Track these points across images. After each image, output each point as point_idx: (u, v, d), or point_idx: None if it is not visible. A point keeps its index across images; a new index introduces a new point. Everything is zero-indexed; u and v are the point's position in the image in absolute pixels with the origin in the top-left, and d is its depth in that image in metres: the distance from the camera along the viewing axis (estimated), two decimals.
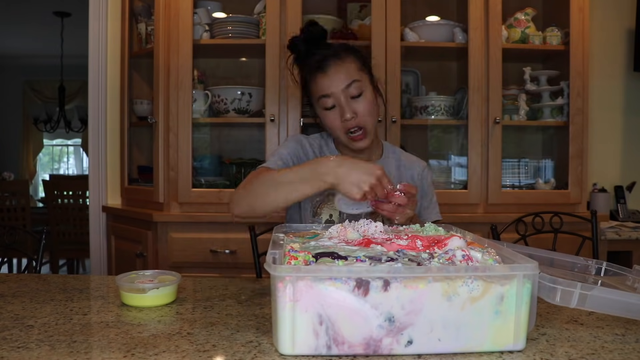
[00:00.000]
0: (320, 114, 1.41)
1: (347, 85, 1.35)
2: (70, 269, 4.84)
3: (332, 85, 1.35)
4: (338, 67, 1.36)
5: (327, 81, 1.35)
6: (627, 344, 0.85)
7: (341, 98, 1.35)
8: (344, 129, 1.37)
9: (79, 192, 4.46)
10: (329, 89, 1.35)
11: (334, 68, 1.35)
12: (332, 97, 1.35)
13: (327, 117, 1.38)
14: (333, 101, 1.36)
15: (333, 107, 1.36)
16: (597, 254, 1.80)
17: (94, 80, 2.75)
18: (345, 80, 1.35)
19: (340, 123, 1.36)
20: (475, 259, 0.81)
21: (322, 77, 1.36)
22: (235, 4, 2.55)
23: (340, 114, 1.35)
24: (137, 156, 2.71)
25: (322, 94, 1.36)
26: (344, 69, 1.35)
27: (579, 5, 2.35)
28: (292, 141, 1.47)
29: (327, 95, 1.36)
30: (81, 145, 8.37)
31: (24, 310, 1.02)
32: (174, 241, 2.27)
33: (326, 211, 1.43)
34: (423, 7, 2.60)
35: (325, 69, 1.35)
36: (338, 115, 1.36)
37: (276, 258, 0.83)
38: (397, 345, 0.76)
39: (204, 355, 0.78)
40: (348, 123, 1.35)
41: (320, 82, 1.36)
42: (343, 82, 1.35)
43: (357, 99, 1.36)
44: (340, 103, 1.35)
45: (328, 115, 1.38)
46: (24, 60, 7.60)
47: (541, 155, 2.68)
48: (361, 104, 1.36)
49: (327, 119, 1.39)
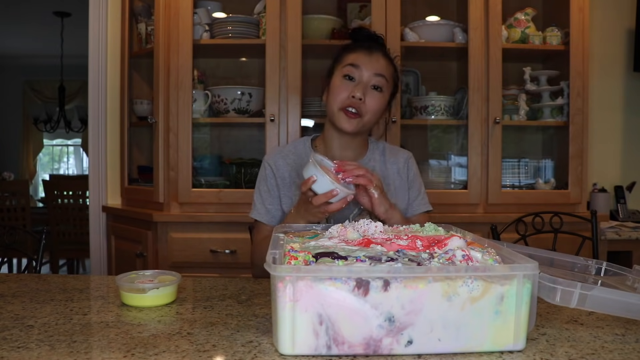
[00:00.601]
0: (334, 81, 1.44)
1: (377, 74, 1.40)
2: (70, 269, 4.84)
3: (368, 64, 1.40)
4: (381, 57, 1.43)
5: (367, 58, 1.41)
6: (627, 344, 0.85)
7: (364, 78, 1.40)
8: (345, 103, 1.40)
9: (79, 192, 4.46)
10: (363, 63, 1.40)
11: (377, 55, 1.42)
12: (359, 71, 1.40)
13: (340, 84, 1.41)
14: (357, 74, 1.40)
15: (352, 80, 1.40)
16: (597, 254, 1.80)
17: (94, 80, 2.75)
18: (379, 69, 1.40)
19: (346, 96, 1.40)
20: (476, 259, 0.81)
21: (363, 53, 1.42)
22: (235, 4, 2.55)
23: (353, 88, 1.39)
24: (137, 156, 2.71)
25: (354, 63, 1.41)
26: (384, 62, 1.42)
27: (579, 5, 2.35)
28: (261, 179, 1.51)
29: (357, 66, 1.40)
30: (81, 145, 8.37)
31: (24, 310, 1.02)
32: (174, 241, 2.27)
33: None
34: (423, 7, 2.60)
35: (371, 51, 1.42)
36: (350, 89, 1.39)
37: (276, 258, 0.83)
38: (397, 345, 0.76)
39: (204, 355, 0.78)
40: (353, 100, 1.39)
41: (359, 56, 1.41)
42: (376, 69, 1.40)
43: (374, 91, 1.40)
44: (361, 81, 1.40)
45: (342, 83, 1.41)
46: (24, 60, 7.60)
47: (541, 155, 2.68)
48: (374, 97, 1.40)
49: (338, 87, 1.41)
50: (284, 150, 1.53)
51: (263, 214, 1.48)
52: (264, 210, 1.48)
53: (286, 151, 1.52)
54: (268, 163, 1.51)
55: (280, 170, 1.49)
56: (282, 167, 1.49)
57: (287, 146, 1.56)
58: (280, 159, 1.50)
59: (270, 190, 1.48)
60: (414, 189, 1.53)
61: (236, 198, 2.28)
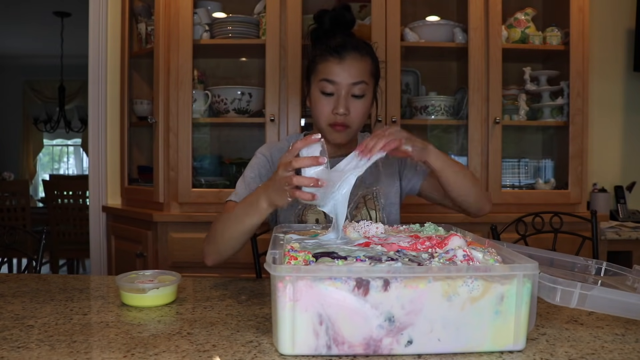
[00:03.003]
0: (313, 95, 1.35)
1: (355, 83, 1.30)
2: (70, 269, 4.84)
3: (342, 75, 1.30)
4: (355, 60, 1.31)
5: (339, 69, 1.30)
6: (627, 344, 0.85)
7: (343, 91, 1.30)
8: (331, 120, 1.33)
9: (79, 192, 4.45)
10: (337, 76, 1.30)
11: (351, 60, 1.30)
12: (335, 85, 1.30)
13: (319, 102, 1.33)
14: (334, 89, 1.31)
15: (330, 95, 1.31)
16: (597, 254, 1.80)
17: (94, 80, 2.74)
18: (356, 77, 1.30)
19: (329, 112, 1.32)
20: (477, 259, 0.81)
21: (335, 62, 1.30)
22: (235, 4, 2.55)
23: (335, 105, 1.31)
24: (137, 156, 2.71)
25: (328, 78, 1.31)
26: (359, 65, 1.31)
27: (579, 5, 2.35)
28: (250, 167, 1.43)
29: (332, 81, 1.30)
30: (81, 145, 8.37)
31: (24, 310, 1.02)
32: (174, 241, 2.27)
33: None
34: (423, 7, 2.60)
35: (343, 56, 1.30)
36: (331, 104, 1.31)
37: (276, 258, 0.83)
38: (397, 345, 0.76)
39: (204, 355, 0.78)
40: (337, 117, 1.31)
41: (331, 67, 1.30)
42: (353, 77, 1.30)
43: (357, 99, 1.32)
44: (340, 95, 1.30)
45: (321, 100, 1.33)
46: (24, 60, 7.60)
47: (541, 155, 2.68)
48: (358, 106, 1.32)
49: (318, 103, 1.33)
50: (279, 144, 1.50)
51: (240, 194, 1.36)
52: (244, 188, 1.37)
53: (280, 145, 1.49)
54: (262, 153, 1.45)
55: (274, 162, 1.43)
56: (276, 159, 1.43)
57: (282, 141, 1.53)
58: (276, 151, 1.46)
59: (259, 177, 1.40)
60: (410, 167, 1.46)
61: None
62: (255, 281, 1.28)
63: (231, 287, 1.21)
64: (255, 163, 1.43)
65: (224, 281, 1.27)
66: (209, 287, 1.21)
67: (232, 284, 1.24)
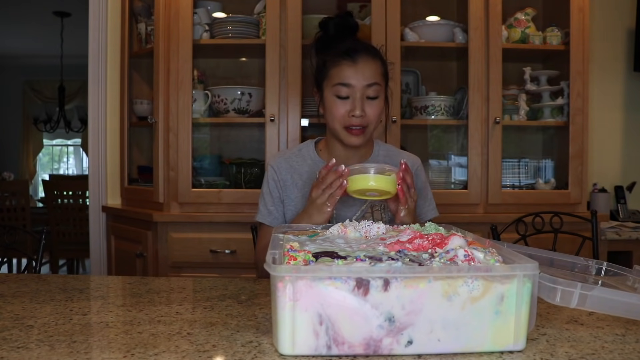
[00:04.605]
0: (328, 100, 1.38)
1: (369, 85, 1.34)
2: (70, 269, 4.84)
3: (357, 77, 1.33)
4: (367, 62, 1.35)
5: (353, 72, 1.33)
6: (627, 344, 0.85)
7: (358, 94, 1.34)
8: (347, 122, 1.36)
9: (79, 192, 4.46)
10: (351, 79, 1.33)
11: (364, 62, 1.34)
12: (350, 88, 1.34)
13: (334, 105, 1.36)
14: (349, 92, 1.34)
15: (346, 98, 1.35)
16: (597, 254, 1.80)
17: (94, 80, 2.74)
18: (370, 79, 1.34)
19: (345, 115, 1.35)
20: (478, 259, 0.81)
21: (349, 65, 1.34)
22: (235, 4, 2.55)
23: (351, 107, 1.34)
24: (137, 156, 2.70)
25: (343, 82, 1.34)
26: (371, 67, 1.35)
27: (579, 5, 2.35)
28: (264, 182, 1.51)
29: (347, 84, 1.34)
30: (81, 145, 8.37)
31: (24, 310, 1.02)
32: (174, 241, 2.27)
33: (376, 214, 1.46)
34: (423, 7, 2.59)
35: (356, 59, 1.34)
36: (347, 107, 1.35)
37: (276, 258, 0.83)
38: (397, 345, 0.76)
39: (204, 355, 0.78)
40: (354, 119, 1.35)
41: (346, 70, 1.34)
42: (367, 79, 1.34)
43: (372, 101, 1.36)
44: (356, 97, 1.34)
45: (337, 103, 1.36)
46: (24, 60, 7.60)
47: (541, 155, 2.68)
48: (373, 107, 1.36)
49: (334, 107, 1.37)
50: (287, 153, 1.53)
51: (265, 216, 1.48)
52: (266, 212, 1.48)
53: (290, 154, 1.52)
54: (271, 165, 1.51)
55: (282, 173, 1.48)
56: (284, 170, 1.48)
57: (292, 149, 1.56)
58: (283, 161, 1.50)
59: (272, 192, 1.48)
60: (422, 196, 1.50)
61: (236, 198, 2.28)
62: (255, 281, 1.28)
63: (231, 287, 1.21)
64: (266, 177, 1.51)
65: (224, 281, 1.27)
66: (209, 287, 1.21)
67: (232, 284, 1.24)
